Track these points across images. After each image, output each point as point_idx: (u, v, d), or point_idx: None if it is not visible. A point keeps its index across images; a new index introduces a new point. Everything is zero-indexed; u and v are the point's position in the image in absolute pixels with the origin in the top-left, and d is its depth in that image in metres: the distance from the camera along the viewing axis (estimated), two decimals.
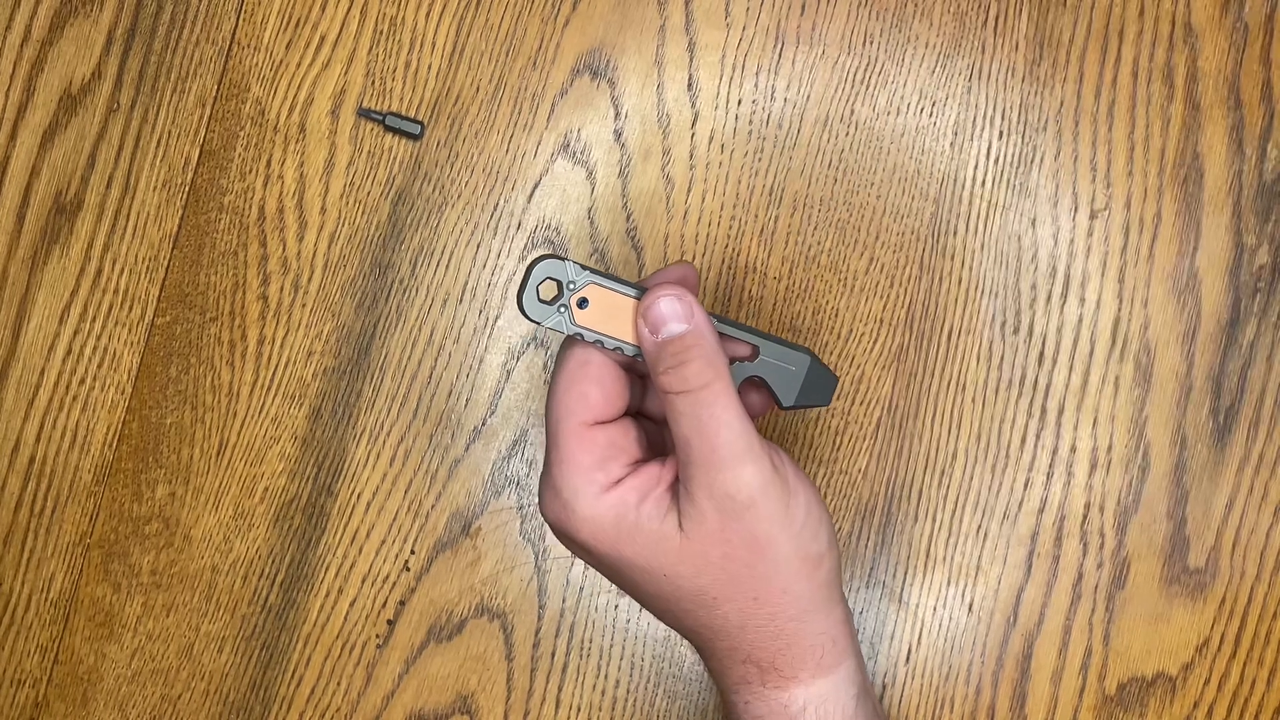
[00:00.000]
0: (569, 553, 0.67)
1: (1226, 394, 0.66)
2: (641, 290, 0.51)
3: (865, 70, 0.68)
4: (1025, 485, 0.66)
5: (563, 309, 0.50)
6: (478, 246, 0.68)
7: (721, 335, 0.51)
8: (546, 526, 0.67)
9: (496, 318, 0.68)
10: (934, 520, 0.66)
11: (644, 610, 0.67)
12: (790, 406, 0.53)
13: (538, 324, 0.51)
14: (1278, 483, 0.66)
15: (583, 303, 0.50)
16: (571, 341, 0.52)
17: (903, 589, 0.66)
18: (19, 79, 0.69)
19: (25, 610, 0.68)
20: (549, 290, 0.51)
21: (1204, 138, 0.66)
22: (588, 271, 0.50)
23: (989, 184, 0.67)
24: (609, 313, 0.51)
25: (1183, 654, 0.65)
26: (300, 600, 0.67)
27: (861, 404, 0.67)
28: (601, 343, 0.51)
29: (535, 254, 0.68)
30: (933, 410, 0.66)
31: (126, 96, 0.69)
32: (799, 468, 0.52)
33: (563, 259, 0.50)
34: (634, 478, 0.50)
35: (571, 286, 0.50)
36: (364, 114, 0.68)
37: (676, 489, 0.50)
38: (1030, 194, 0.67)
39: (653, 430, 0.55)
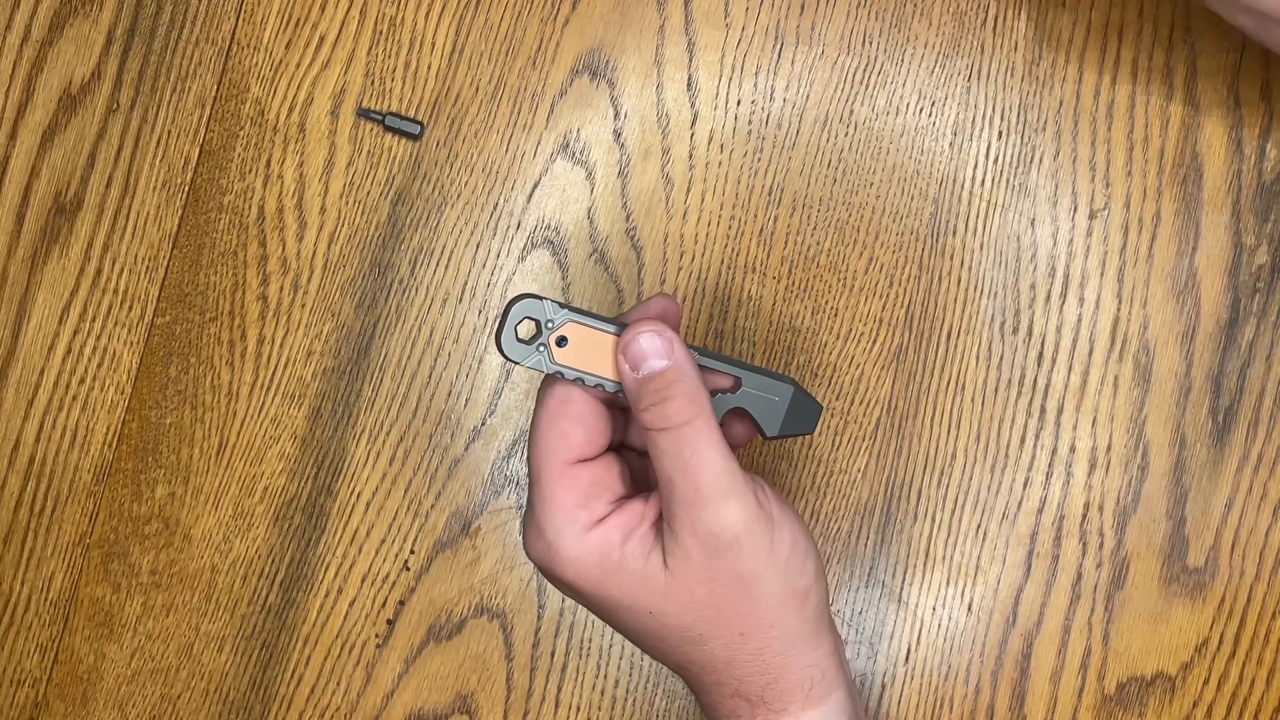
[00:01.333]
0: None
1: (1226, 394, 0.66)
2: (621, 326, 0.50)
3: (864, 70, 0.68)
4: (1025, 485, 0.66)
5: (541, 348, 0.50)
6: (477, 246, 0.68)
7: (703, 368, 0.51)
8: None
9: (496, 317, 0.68)
10: (933, 520, 0.66)
11: None
12: (774, 436, 0.53)
13: (516, 364, 0.51)
14: (1277, 483, 0.66)
15: (561, 341, 0.50)
16: (552, 380, 0.51)
17: (902, 589, 0.66)
18: (19, 79, 0.69)
19: (25, 610, 0.68)
20: (527, 329, 0.51)
21: (1203, 138, 0.66)
22: (565, 309, 0.50)
23: (988, 184, 0.67)
24: (589, 350, 0.51)
25: (1182, 654, 0.65)
26: (300, 600, 0.67)
27: (861, 404, 0.67)
28: (582, 380, 0.51)
29: (512, 294, 0.67)
30: (932, 410, 0.67)
31: (126, 96, 0.69)
32: (784, 500, 0.52)
33: (540, 298, 0.50)
34: (617, 515, 0.50)
35: (550, 325, 0.50)
36: (363, 114, 0.68)
37: (660, 526, 0.50)
38: (1029, 194, 0.67)
39: (636, 463, 0.54)
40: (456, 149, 0.68)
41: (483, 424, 0.67)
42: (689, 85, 0.68)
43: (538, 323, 0.50)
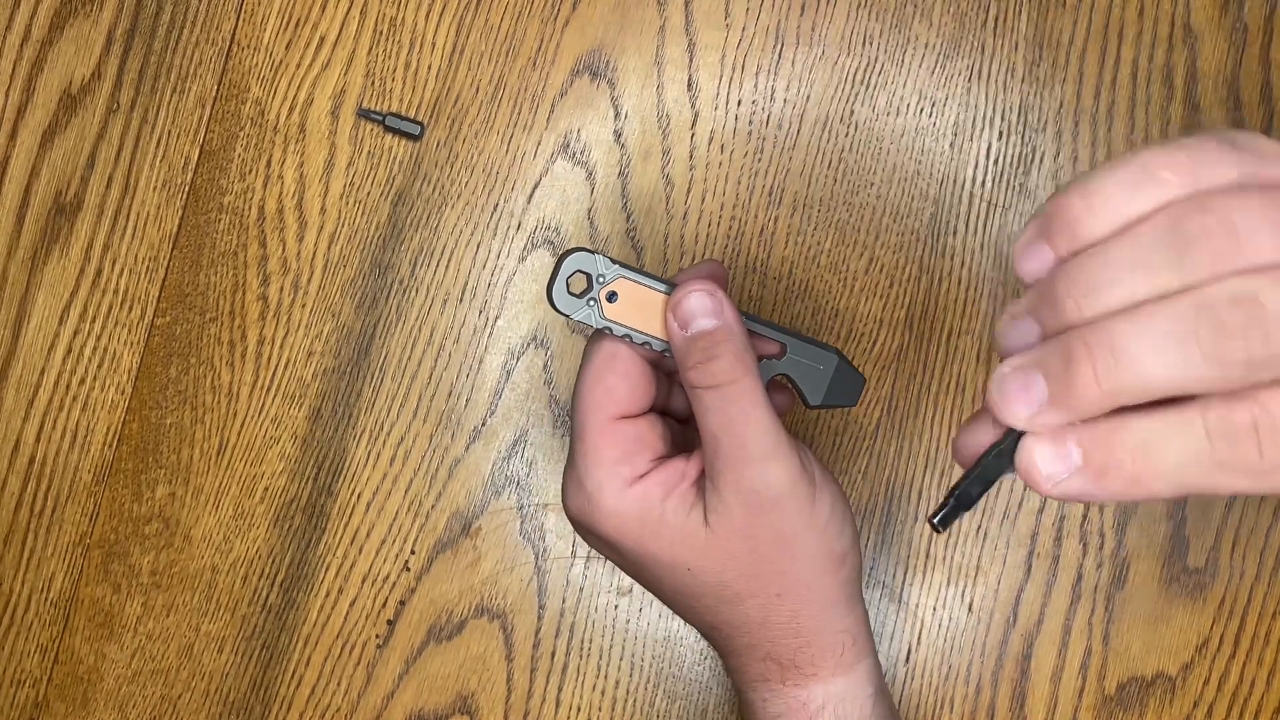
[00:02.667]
0: (569, 554, 0.67)
1: None
2: (671, 286, 0.50)
3: (865, 71, 0.68)
4: (1025, 485, 0.66)
5: (592, 302, 0.50)
6: (478, 247, 0.68)
7: (750, 333, 0.51)
8: (545, 527, 0.67)
9: (496, 318, 0.68)
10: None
11: (643, 610, 0.67)
12: (817, 406, 0.53)
13: (566, 316, 0.51)
14: None
15: (612, 296, 0.50)
16: (600, 335, 0.51)
17: (902, 589, 0.66)
18: (19, 79, 0.69)
19: (25, 610, 0.68)
20: (578, 283, 0.51)
21: None
22: (618, 265, 0.50)
23: (989, 184, 0.67)
24: (638, 307, 0.50)
25: (1182, 654, 0.65)
26: (300, 600, 0.67)
27: (861, 404, 0.67)
28: (630, 337, 0.51)
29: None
30: (933, 411, 0.67)
31: (126, 96, 0.69)
32: (825, 466, 0.52)
33: (593, 252, 0.50)
34: (659, 472, 0.50)
35: (601, 280, 0.50)
36: (364, 114, 0.68)
37: (702, 484, 0.50)
38: (1030, 194, 0.67)
39: (677, 430, 0.55)
40: (457, 149, 0.68)
41: (483, 424, 0.67)
42: (689, 86, 0.68)
43: (589, 276, 0.50)
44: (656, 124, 0.68)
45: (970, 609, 0.66)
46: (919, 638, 0.66)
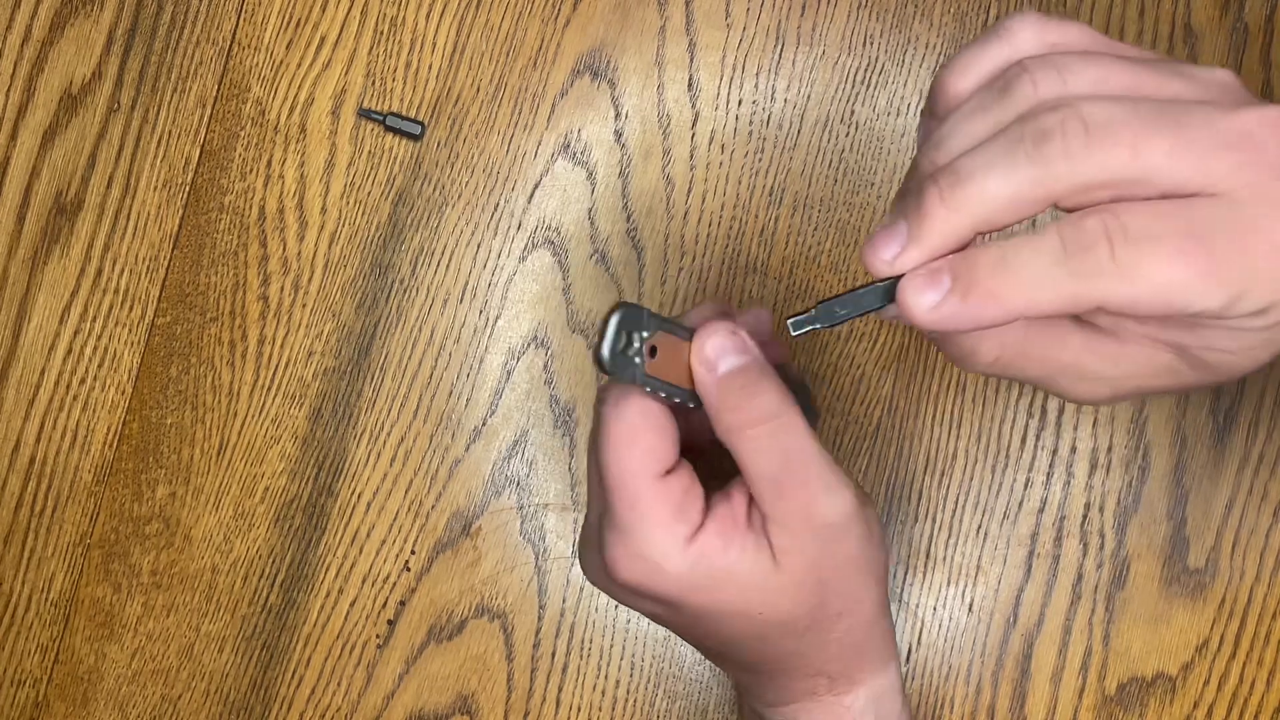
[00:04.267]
0: (569, 554, 0.67)
1: (1226, 394, 0.66)
2: (690, 331, 0.48)
3: (866, 71, 0.68)
4: (1025, 485, 0.66)
5: (638, 358, 0.47)
6: (478, 247, 0.68)
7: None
8: (545, 527, 0.67)
9: (496, 318, 0.68)
10: (934, 520, 0.66)
11: None
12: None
13: (612, 376, 0.46)
14: (1277, 483, 0.66)
15: (653, 351, 0.47)
16: (624, 392, 0.48)
17: (903, 589, 0.66)
18: (19, 79, 0.69)
19: (25, 610, 0.68)
20: (621, 339, 0.47)
21: None
22: (656, 319, 0.47)
23: None
24: (669, 361, 0.48)
25: (1182, 654, 0.65)
26: (300, 600, 0.67)
27: (861, 404, 0.67)
28: (665, 394, 0.47)
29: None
30: (933, 410, 0.67)
31: (127, 96, 0.69)
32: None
33: (639, 306, 0.47)
34: (713, 521, 0.48)
35: (643, 336, 0.47)
36: (364, 114, 0.68)
37: (754, 522, 0.48)
38: None
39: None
40: (457, 149, 0.68)
41: (483, 424, 0.67)
42: (690, 85, 0.68)
43: (629, 333, 0.47)
44: (657, 124, 0.68)
45: (970, 609, 0.66)
46: (919, 638, 0.66)
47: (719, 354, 0.47)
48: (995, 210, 0.38)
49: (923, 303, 0.39)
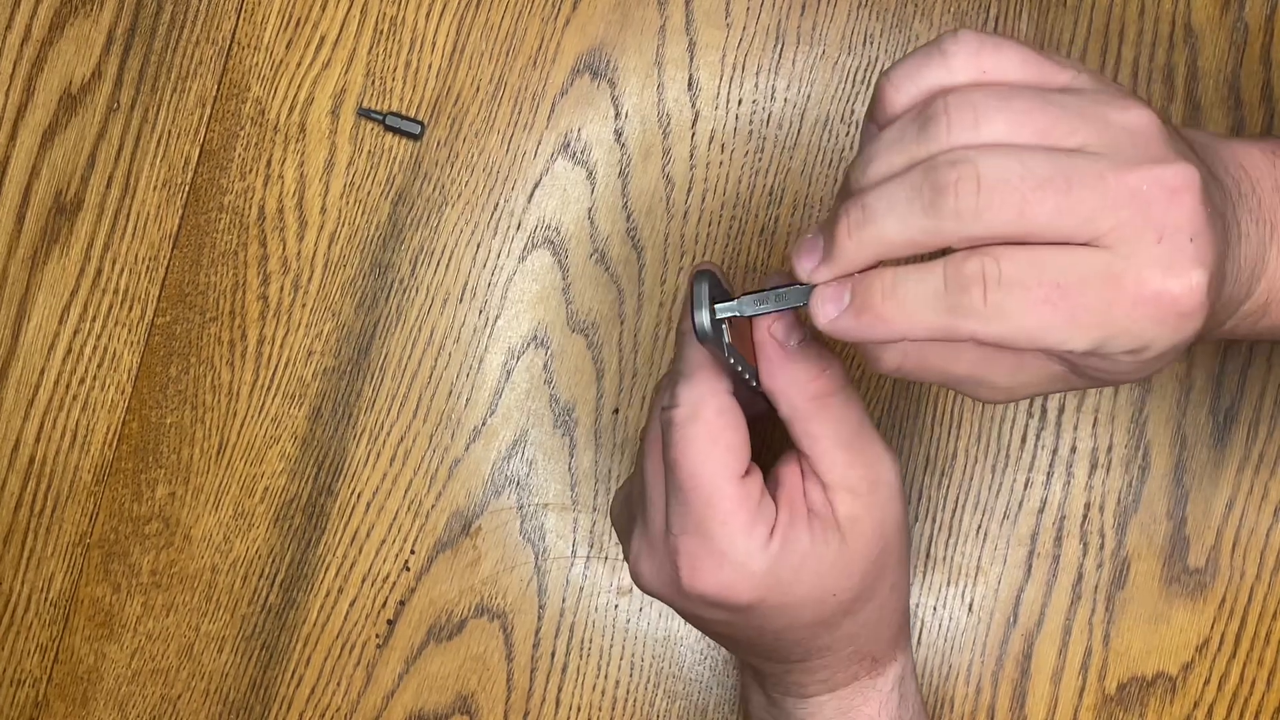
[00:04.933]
0: (569, 554, 0.67)
1: (1226, 394, 0.66)
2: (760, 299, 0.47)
3: (866, 70, 0.68)
4: (1025, 485, 0.66)
5: (724, 326, 0.46)
6: (478, 246, 0.68)
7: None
8: (545, 527, 0.67)
9: (496, 317, 0.68)
10: (934, 520, 0.66)
11: (643, 610, 0.67)
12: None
13: (706, 342, 0.45)
14: (1278, 483, 0.66)
15: (730, 323, 0.46)
16: (695, 391, 0.47)
17: None
18: (19, 79, 0.69)
19: (25, 610, 0.68)
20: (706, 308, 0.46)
21: None
22: (728, 290, 0.47)
23: None
24: (738, 334, 0.47)
25: (1183, 654, 0.65)
26: (300, 600, 0.67)
27: None
28: (740, 369, 0.47)
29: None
30: (933, 410, 0.67)
31: (126, 96, 0.69)
32: None
33: (717, 274, 0.46)
34: (784, 512, 0.48)
35: (730, 306, 0.46)
36: (364, 114, 0.68)
37: (812, 500, 0.49)
38: None
39: None
40: (457, 149, 0.68)
41: (483, 424, 0.67)
42: (690, 85, 0.68)
43: (711, 301, 0.46)
44: (657, 123, 0.68)
45: (970, 609, 0.66)
46: (919, 638, 0.66)
47: (789, 328, 0.48)
48: (893, 248, 0.42)
49: (826, 313, 0.42)
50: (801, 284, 0.44)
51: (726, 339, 0.46)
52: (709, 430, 0.47)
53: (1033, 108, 0.41)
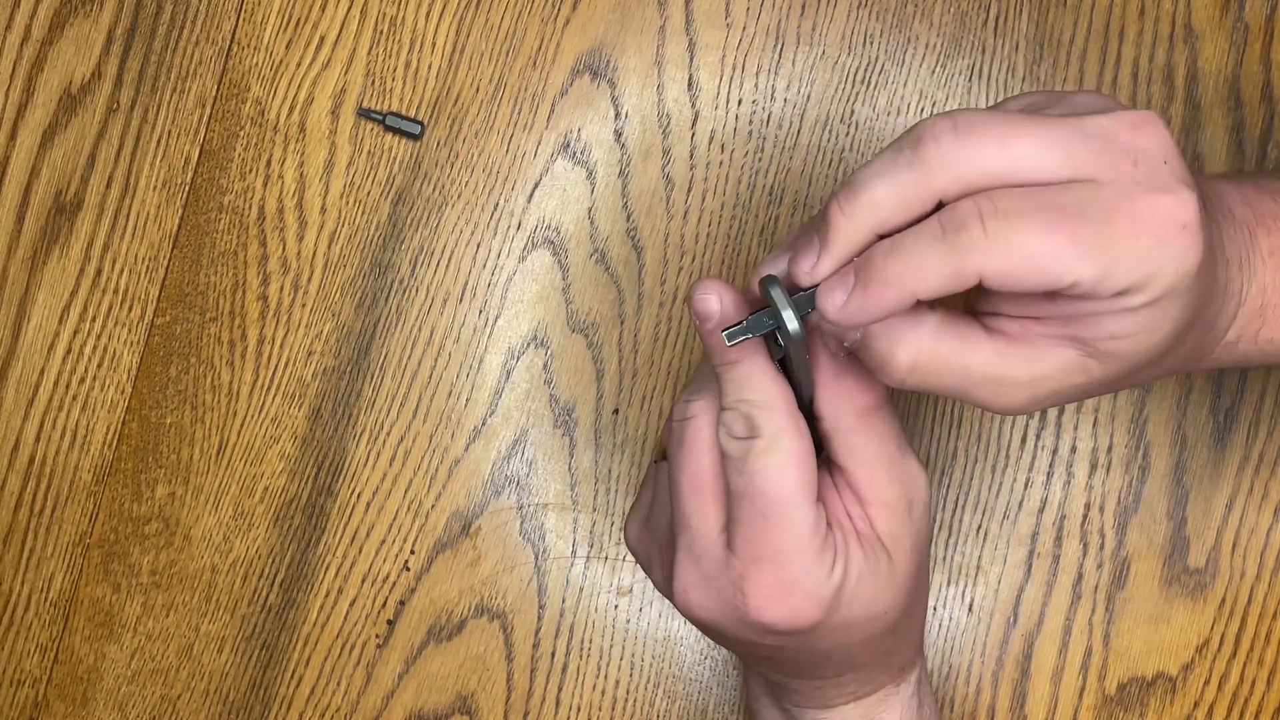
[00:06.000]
0: (569, 554, 0.67)
1: (1227, 394, 0.66)
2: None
3: (865, 70, 0.68)
4: (1025, 485, 0.66)
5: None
6: (478, 246, 0.68)
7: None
8: (545, 527, 0.67)
9: (496, 317, 0.68)
10: (934, 520, 0.66)
11: (643, 610, 0.67)
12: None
13: (796, 345, 0.45)
14: (1278, 483, 0.66)
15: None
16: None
17: None
18: (19, 79, 0.69)
19: (25, 610, 0.68)
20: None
21: (1204, 138, 0.66)
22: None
23: None
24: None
25: (1183, 654, 0.65)
26: (300, 600, 0.67)
27: None
28: (804, 379, 0.46)
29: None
30: (933, 410, 0.67)
31: (126, 96, 0.69)
32: None
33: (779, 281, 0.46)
34: (837, 533, 0.47)
35: (806, 313, 0.45)
36: (364, 114, 0.68)
37: (856, 521, 0.48)
38: None
39: None
40: (457, 149, 0.68)
41: (483, 424, 0.67)
42: (690, 85, 0.68)
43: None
44: (657, 123, 0.68)
45: (970, 609, 0.66)
46: None
47: (835, 339, 0.47)
48: (887, 212, 0.42)
49: (834, 301, 0.42)
50: (804, 289, 0.44)
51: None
52: (794, 460, 0.46)
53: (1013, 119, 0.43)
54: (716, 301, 0.46)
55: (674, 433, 0.49)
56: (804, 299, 0.44)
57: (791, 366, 0.47)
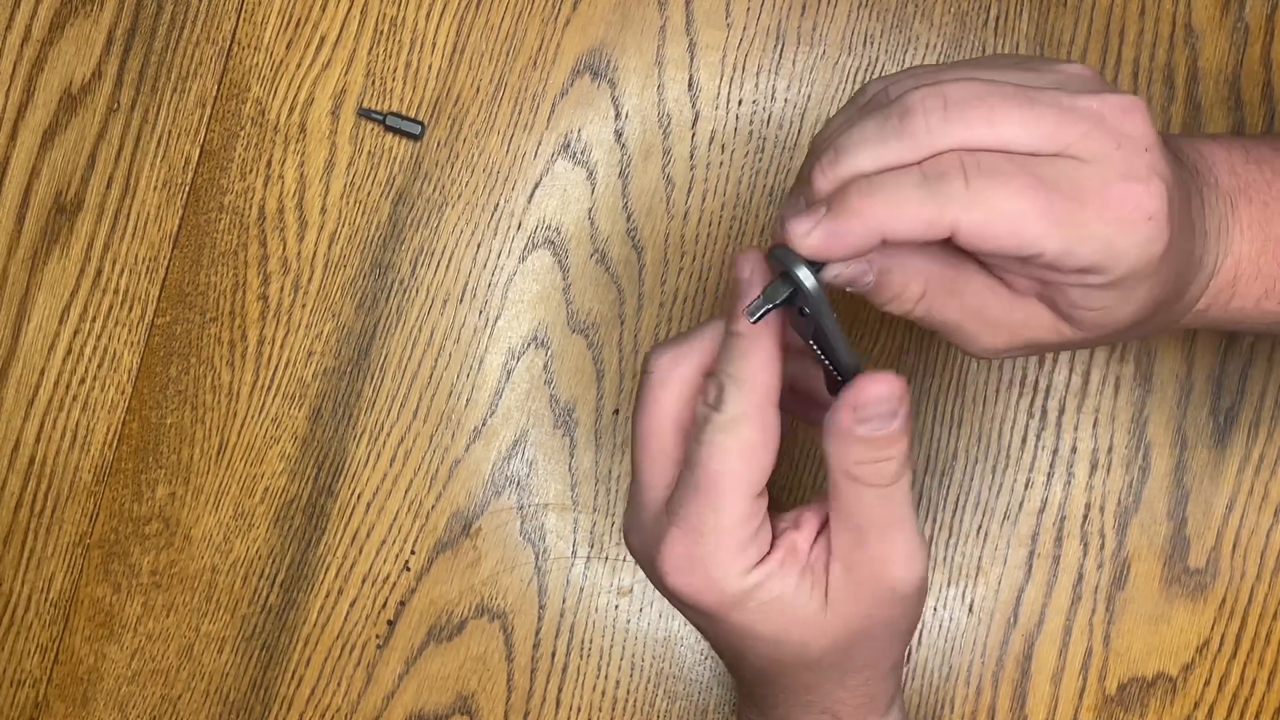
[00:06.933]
0: (569, 554, 0.67)
1: (1227, 395, 0.66)
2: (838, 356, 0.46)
3: (866, 71, 0.68)
4: (1026, 486, 0.66)
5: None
6: (478, 247, 0.68)
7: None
8: (545, 527, 0.67)
9: (496, 318, 0.68)
10: (934, 520, 0.66)
11: (644, 610, 0.67)
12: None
13: (817, 303, 0.44)
14: (1278, 483, 0.66)
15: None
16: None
17: None
18: (19, 79, 0.69)
19: (25, 610, 0.68)
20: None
21: None
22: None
23: None
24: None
25: (1183, 654, 0.65)
26: (300, 600, 0.67)
27: None
28: (819, 352, 0.46)
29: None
30: (933, 410, 0.67)
31: (126, 96, 0.69)
32: None
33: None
34: (778, 551, 0.47)
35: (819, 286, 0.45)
36: (364, 114, 0.68)
37: (814, 557, 0.48)
38: None
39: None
40: (457, 149, 0.68)
41: (483, 424, 0.67)
42: (690, 85, 0.68)
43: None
44: (657, 124, 0.68)
45: (970, 609, 0.66)
46: (919, 638, 0.66)
47: (875, 407, 0.45)
48: (860, 164, 0.43)
49: (801, 228, 0.42)
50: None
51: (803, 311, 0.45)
52: (744, 447, 0.46)
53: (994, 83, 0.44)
54: (748, 270, 0.46)
55: (642, 380, 0.50)
56: (814, 266, 0.44)
57: (819, 338, 0.46)
